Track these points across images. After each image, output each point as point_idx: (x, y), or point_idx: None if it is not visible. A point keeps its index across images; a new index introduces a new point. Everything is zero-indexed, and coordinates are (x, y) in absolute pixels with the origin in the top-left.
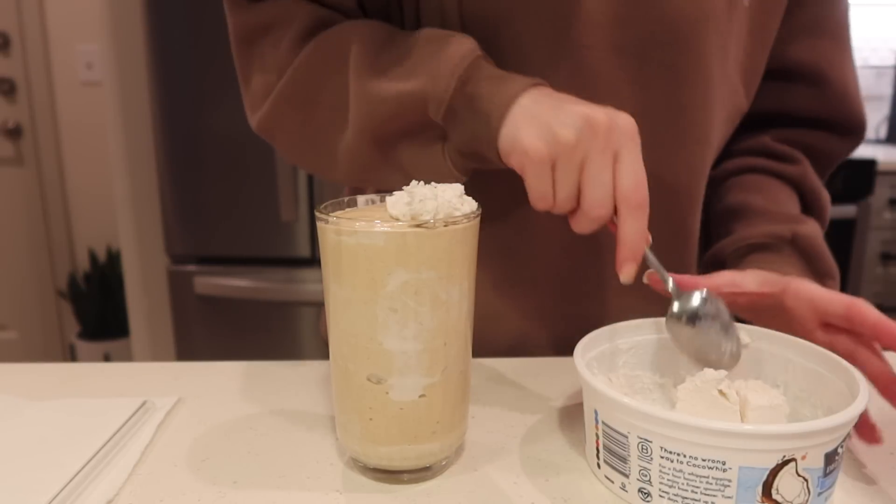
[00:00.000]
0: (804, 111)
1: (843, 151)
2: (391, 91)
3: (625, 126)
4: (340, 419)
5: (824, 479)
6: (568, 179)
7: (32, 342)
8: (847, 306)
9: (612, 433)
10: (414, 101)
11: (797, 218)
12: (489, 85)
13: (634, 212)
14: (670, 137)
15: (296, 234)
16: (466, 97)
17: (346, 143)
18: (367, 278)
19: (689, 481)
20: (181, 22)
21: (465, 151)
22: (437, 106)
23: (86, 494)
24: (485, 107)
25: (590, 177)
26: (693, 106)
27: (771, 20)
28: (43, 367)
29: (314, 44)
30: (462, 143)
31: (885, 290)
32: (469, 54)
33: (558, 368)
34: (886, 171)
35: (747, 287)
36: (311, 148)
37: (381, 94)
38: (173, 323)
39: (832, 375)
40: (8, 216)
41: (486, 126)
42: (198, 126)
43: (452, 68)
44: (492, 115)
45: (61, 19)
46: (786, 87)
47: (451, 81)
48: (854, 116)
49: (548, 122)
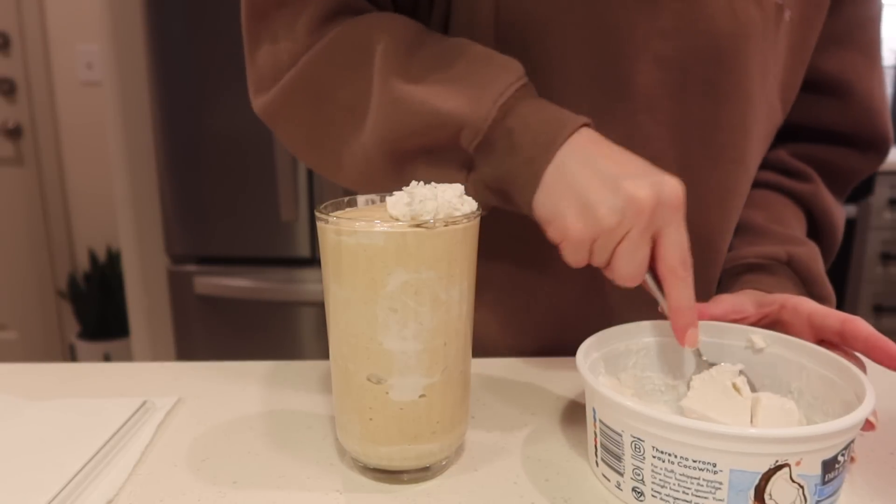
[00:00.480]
0: (827, 124)
1: (865, 169)
2: (423, 104)
3: (670, 199)
4: (340, 419)
5: (823, 486)
6: (605, 252)
7: (32, 342)
8: (842, 321)
9: (608, 432)
10: (446, 122)
11: (795, 239)
12: (532, 120)
13: (683, 282)
14: (705, 155)
15: (296, 234)
16: (506, 130)
17: (358, 149)
18: (367, 278)
19: (680, 482)
20: (181, 22)
21: (494, 188)
22: (472, 134)
23: (86, 494)
24: (526, 147)
25: (624, 252)
26: (731, 125)
27: (811, 34)
28: (43, 367)
29: (336, 33)
30: (492, 178)
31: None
32: (515, 81)
33: (560, 368)
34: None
35: (748, 311)
36: (316, 145)
37: (411, 105)
38: (173, 323)
39: (843, 383)
40: (8, 216)
41: (526, 168)
42: (198, 126)
43: (496, 96)
44: (534, 160)
45: (61, 19)
46: (811, 99)
47: (492, 110)
48: (878, 131)
49: (591, 202)
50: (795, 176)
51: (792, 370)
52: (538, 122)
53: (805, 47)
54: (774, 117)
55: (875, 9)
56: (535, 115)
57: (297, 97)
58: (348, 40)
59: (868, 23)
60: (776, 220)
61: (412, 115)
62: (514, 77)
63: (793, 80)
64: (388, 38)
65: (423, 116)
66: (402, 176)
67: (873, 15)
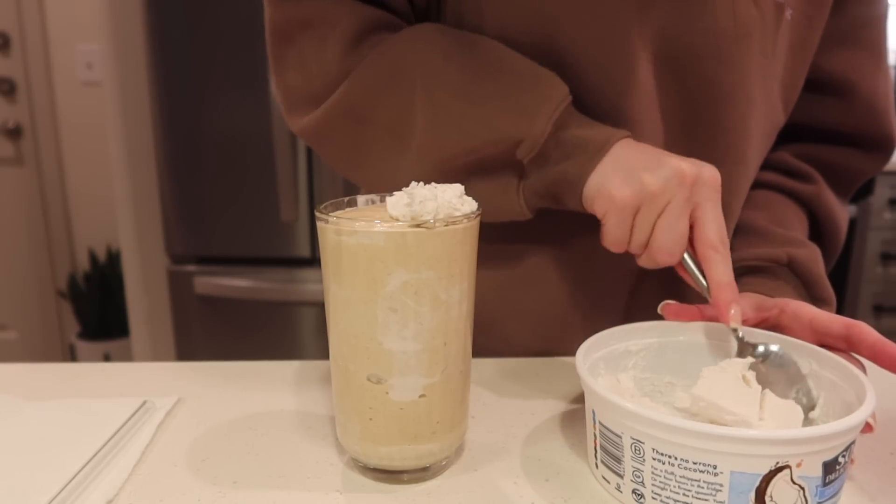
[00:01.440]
0: (830, 124)
1: (868, 170)
2: (478, 122)
3: (710, 178)
4: (340, 419)
5: (824, 488)
6: (647, 225)
7: (32, 342)
8: (846, 326)
9: (608, 433)
10: (504, 139)
11: (796, 241)
12: (583, 131)
13: (723, 258)
14: (706, 155)
15: (296, 234)
16: (558, 141)
17: (406, 167)
18: (366, 278)
19: (680, 484)
20: (181, 22)
21: (543, 193)
22: (529, 148)
23: (86, 494)
24: (579, 154)
25: (665, 223)
26: (731, 125)
27: (813, 34)
28: (43, 367)
29: (372, 56)
30: (544, 184)
31: (885, 290)
32: (564, 99)
33: (560, 368)
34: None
35: (746, 314)
36: (357, 165)
37: (467, 124)
38: (173, 323)
39: (845, 385)
40: (8, 216)
41: (578, 169)
42: (198, 126)
43: (550, 112)
44: (586, 161)
45: (61, 19)
46: (815, 99)
47: (547, 126)
48: (882, 132)
49: (636, 170)
50: (798, 177)
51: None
52: (589, 133)
53: (807, 47)
54: (775, 117)
55: (881, 8)
56: (586, 128)
57: (337, 122)
58: (385, 62)
59: (873, 22)
60: (777, 221)
61: (468, 134)
62: (563, 94)
63: (794, 80)
64: (426, 54)
65: (480, 135)
66: None
67: (879, 14)
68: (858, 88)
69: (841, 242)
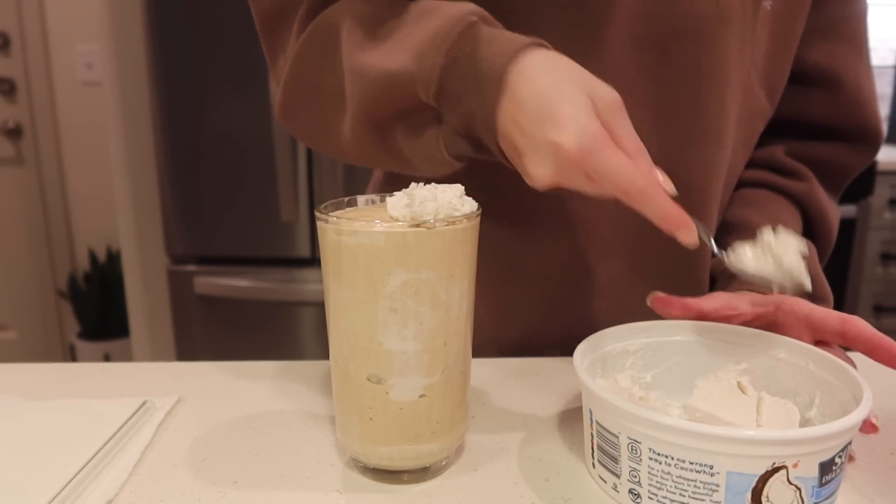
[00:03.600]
0: (817, 117)
1: (857, 164)
2: (378, 70)
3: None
4: (340, 419)
5: (820, 489)
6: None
7: (32, 342)
8: (842, 321)
9: (604, 433)
10: (401, 81)
11: None
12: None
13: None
14: (685, 137)
15: (296, 234)
16: (458, 73)
17: (346, 127)
18: (366, 278)
19: (677, 484)
20: (181, 22)
21: (463, 133)
22: (425, 87)
23: (86, 494)
24: (477, 87)
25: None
26: (710, 107)
27: (794, 24)
28: (43, 367)
29: (312, 27)
30: (458, 124)
31: (885, 290)
32: (457, 23)
33: (559, 368)
34: (886, 171)
35: (742, 309)
36: (321, 133)
37: (369, 74)
38: (173, 323)
39: (842, 385)
40: (8, 216)
41: (481, 108)
42: (198, 126)
43: (439, 43)
44: (485, 94)
45: (61, 19)
46: (801, 92)
47: (436, 58)
48: (867, 123)
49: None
50: (790, 175)
51: (789, 371)
52: (486, 57)
53: (789, 38)
54: (755, 103)
55: (857, 9)
56: (484, 49)
57: (293, 96)
58: (320, 30)
59: (853, 16)
60: (772, 219)
61: (370, 82)
62: (456, 19)
63: (778, 70)
64: (351, 18)
65: (381, 82)
66: (388, 144)
67: (858, 10)
68: (843, 79)
69: (832, 240)
